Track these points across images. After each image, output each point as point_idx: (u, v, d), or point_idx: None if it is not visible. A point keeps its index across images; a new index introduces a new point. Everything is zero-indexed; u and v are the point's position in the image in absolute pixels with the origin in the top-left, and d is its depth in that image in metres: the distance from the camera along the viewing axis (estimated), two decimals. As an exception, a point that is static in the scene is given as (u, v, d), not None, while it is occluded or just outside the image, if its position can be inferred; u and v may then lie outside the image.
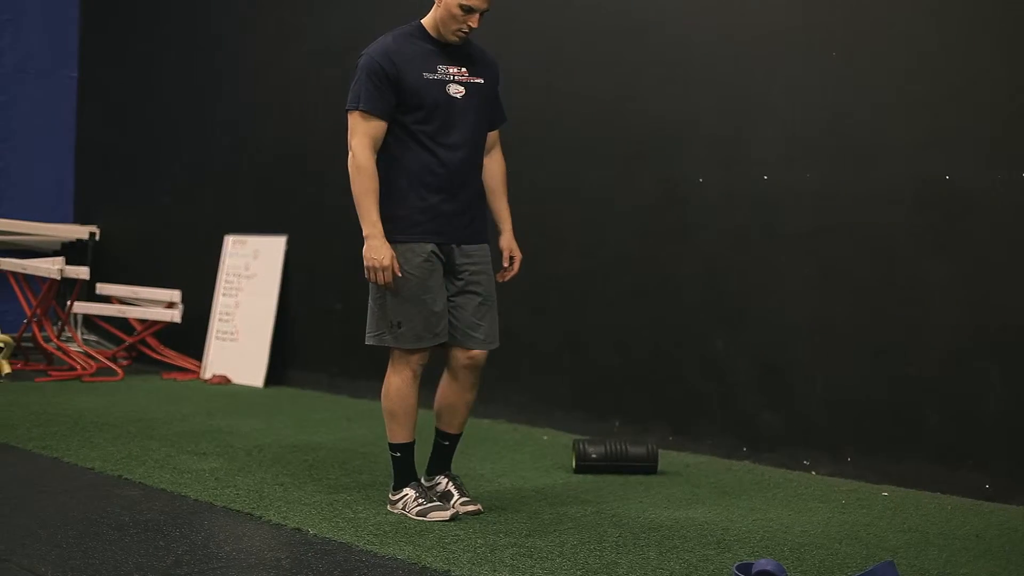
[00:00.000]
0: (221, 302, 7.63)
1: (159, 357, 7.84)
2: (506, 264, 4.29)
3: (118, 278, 8.22)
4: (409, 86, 3.93)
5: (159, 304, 7.75)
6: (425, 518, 3.91)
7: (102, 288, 7.98)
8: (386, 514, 4.00)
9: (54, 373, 7.39)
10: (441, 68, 4.00)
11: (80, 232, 8.78)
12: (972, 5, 4.72)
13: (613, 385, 5.80)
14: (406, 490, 4.01)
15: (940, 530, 4.05)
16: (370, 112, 3.92)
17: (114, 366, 7.53)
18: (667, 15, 5.62)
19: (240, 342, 7.46)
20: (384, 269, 3.85)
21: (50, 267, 7.44)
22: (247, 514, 3.92)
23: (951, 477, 4.68)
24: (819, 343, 5.11)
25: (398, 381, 4.00)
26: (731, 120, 5.38)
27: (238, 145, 7.95)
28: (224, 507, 4.02)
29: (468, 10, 3.94)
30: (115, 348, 8.09)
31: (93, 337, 8.51)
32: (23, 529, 3.64)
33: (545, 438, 5.73)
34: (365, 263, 3.88)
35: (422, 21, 4.08)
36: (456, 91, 4.00)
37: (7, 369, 7.37)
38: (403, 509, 3.98)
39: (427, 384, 4.17)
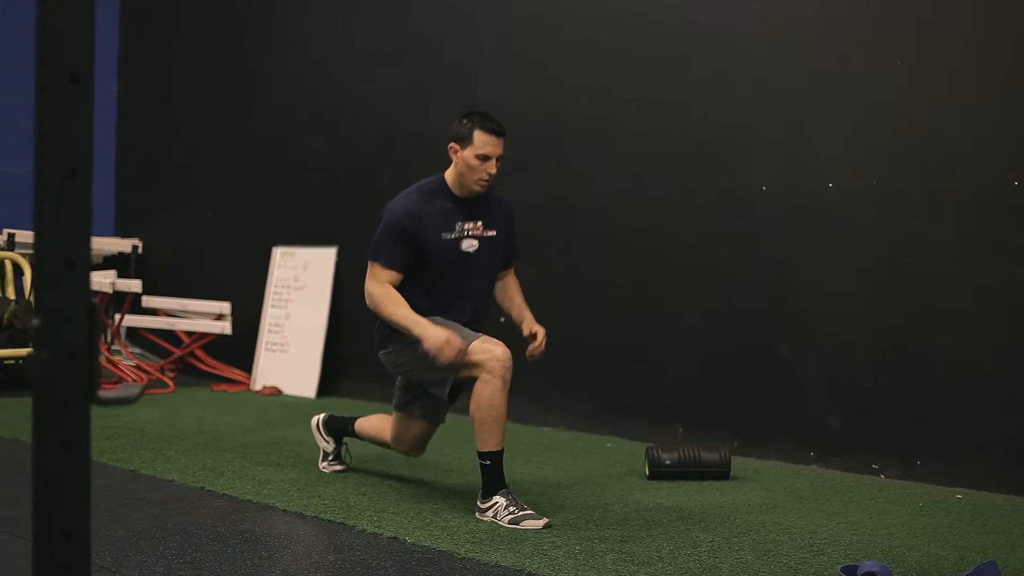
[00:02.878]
0: (270, 314, 7.66)
1: (208, 369, 7.87)
2: (536, 345, 4.39)
3: (162, 291, 8.25)
4: (426, 247, 4.21)
5: (208, 316, 7.78)
6: (518, 526, 3.93)
7: (148, 301, 8.01)
8: (476, 522, 4.02)
9: (107, 386, 7.41)
10: (458, 226, 4.26)
11: (123, 245, 8.81)
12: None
13: (676, 391, 5.82)
14: (496, 498, 4.03)
15: (1023, 531, 4.07)
16: (388, 267, 4.21)
17: (165, 379, 7.56)
18: (728, 21, 5.64)
19: (291, 353, 7.49)
20: (448, 344, 3.99)
21: (102, 280, 7.47)
22: (340, 524, 3.94)
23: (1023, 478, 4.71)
24: (885, 348, 5.13)
25: (488, 389, 4.04)
26: (794, 128, 5.41)
27: (284, 156, 7.98)
28: (315, 517, 4.04)
29: (484, 158, 4.18)
30: (162, 361, 8.11)
31: (137, 350, 8.54)
32: (123, 541, 3.66)
33: (608, 445, 5.75)
34: (432, 352, 4.02)
35: (444, 175, 4.32)
36: (469, 246, 4.27)
37: (58, 383, 7.39)
38: (494, 517, 4.01)
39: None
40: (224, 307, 7.68)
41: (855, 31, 5.23)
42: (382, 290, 4.20)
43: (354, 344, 7.41)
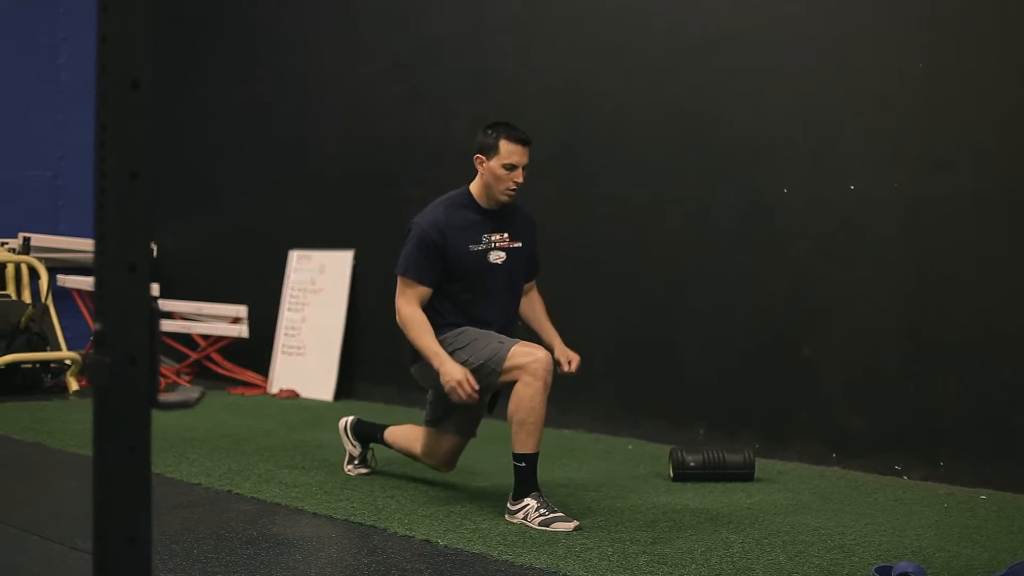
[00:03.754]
0: (287, 317, 7.67)
1: (224, 372, 7.88)
2: (565, 368, 4.44)
3: (178, 294, 8.26)
4: (454, 259, 4.25)
5: (224, 320, 7.79)
6: (548, 528, 3.94)
7: (164, 304, 8.01)
8: (507, 524, 4.03)
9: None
10: (485, 238, 4.30)
11: (137, 249, 8.81)
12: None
13: (698, 393, 5.83)
14: (527, 500, 4.04)
15: (1052, 532, 4.09)
16: (417, 281, 4.24)
17: (182, 382, 7.57)
18: (750, 24, 5.65)
19: (307, 356, 7.50)
20: (460, 384, 4.06)
21: (119, 284, 7.48)
22: (371, 526, 3.95)
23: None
24: (909, 350, 5.14)
25: (529, 391, 4.04)
26: (816, 130, 5.41)
27: (301, 159, 8.00)
28: (345, 520, 4.05)
29: (511, 167, 4.23)
30: (177, 364, 8.12)
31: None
32: (156, 544, 3.64)
33: (630, 447, 5.76)
34: (446, 388, 4.11)
35: (470, 188, 4.36)
36: (497, 258, 4.32)
37: (75, 386, 7.41)
38: (524, 519, 4.01)
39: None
40: (241, 310, 7.69)
41: (877, 34, 5.23)
42: (410, 312, 4.23)
43: (371, 347, 7.42)
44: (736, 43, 5.70)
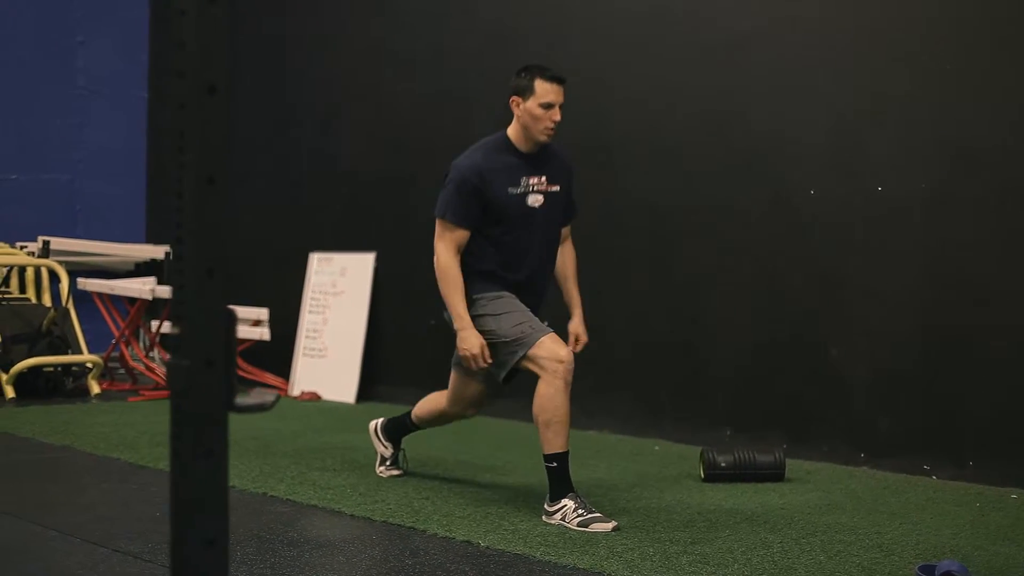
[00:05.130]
0: (308, 319, 7.69)
1: (244, 375, 7.88)
2: (571, 346, 4.46)
3: (196, 297, 8.24)
4: (494, 201, 4.27)
5: (245, 322, 7.79)
6: (587, 528, 3.95)
7: (183, 307, 8.01)
8: (545, 524, 4.04)
9: (146, 392, 7.44)
10: (524, 180, 4.32)
11: (155, 252, 8.83)
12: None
13: (724, 394, 5.84)
14: (565, 500, 4.05)
15: (1086, 530, 4.10)
16: (456, 223, 4.25)
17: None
18: (777, 26, 5.66)
19: (329, 359, 7.51)
20: (475, 356, 4.19)
21: (141, 287, 7.50)
22: (410, 528, 3.96)
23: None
24: (936, 349, 5.15)
25: (551, 391, 4.06)
26: (843, 131, 5.42)
27: (321, 161, 8.01)
28: (384, 521, 4.06)
29: (548, 106, 4.26)
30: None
31: (168, 356, 8.56)
32: (198, 546, 3.68)
33: (656, 448, 5.77)
34: (459, 352, 4.25)
35: (507, 132, 4.38)
36: (535, 200, 4.34)
37: (96, 389, 7.43)
38: (562, 519, 4.02)
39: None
40: (262, 313, 7.69)
41: (903, 35, 5.25)
42: (447, 263, 4.26)
43: (393, 349, 7.43)
44: (762, 43, 5.71)
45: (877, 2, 5.34)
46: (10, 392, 7.11)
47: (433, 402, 4.72)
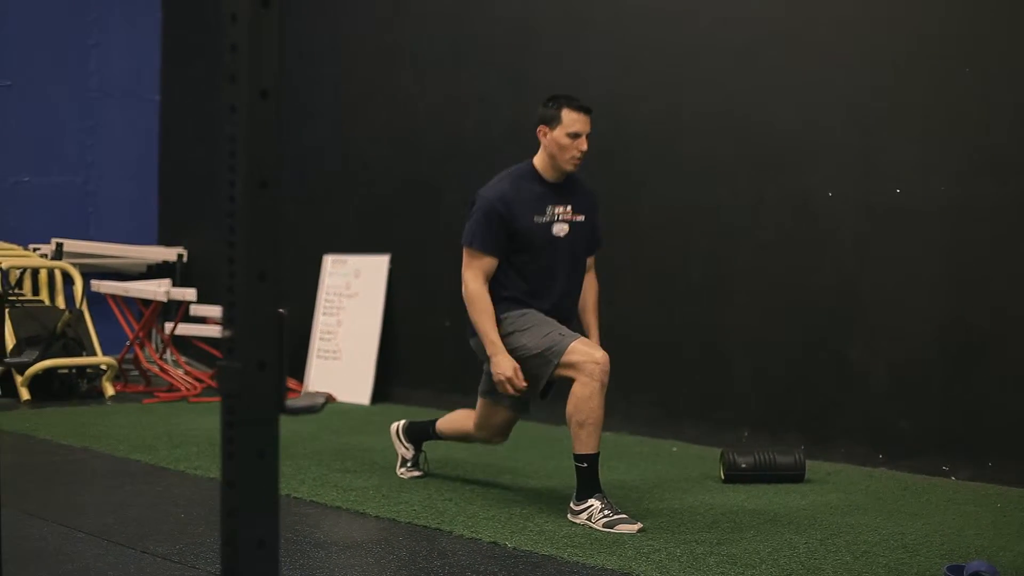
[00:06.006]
0: (322, 321, 7.69)
1: (258, 377, 7.89)
2: None
3: (208, 299, 8.27)
4: (520, 230, 4.32)
5: (259, 324, 7.80)
6: (612, 529, 3.96)
7: (197, 309, 8.03)
8: (570, 525, 4.05)
9: (161, 395, 7.45)
10: (549, 210, 4.36)
11: (168, 254, 8.85)
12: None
13: (741, 395, 5.85)
14: (591, 501, 4.06)
15: (1110, 530, 4.11)
16: (483, 251, 4.30)
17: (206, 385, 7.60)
18: (795, 27, 5.67)
19: (343, 360, 7.52)
20: (509, 380, 4.21)
21: (156, 289, 7.51)
22: (436, 529, 3.97)
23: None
24: (954, 350, 5.16)
25: (587, 392, 4.08)
26: (862, 132, 5.43)
27: (336, 164, 8.01)
28: (410, 522, 4.07)
29: (575, 135, 4.30)
30: (209, 369, 8.14)
31: (183, 358, 8.57)
32: (226, 548, 3.69)
33: (674, 449, 5.78)
34: (494, 377, 4.26)
35: (533, 161, 4.43)
36: (560, 230, 4.37)
37: (111, 391, 7.44)
38: (588, 520, 4.03)
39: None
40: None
41: (922, 36, 5.25)
42: (476, 290, 4.29)
43: (408, 351, 7.44)
44: (781, 45, 5.71)
45: (896, 3, 5.35)
46: (25, 394, 7.12)
47: (460, 422, 4.73)
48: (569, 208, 4.40)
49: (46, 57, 8.83)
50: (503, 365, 4.21)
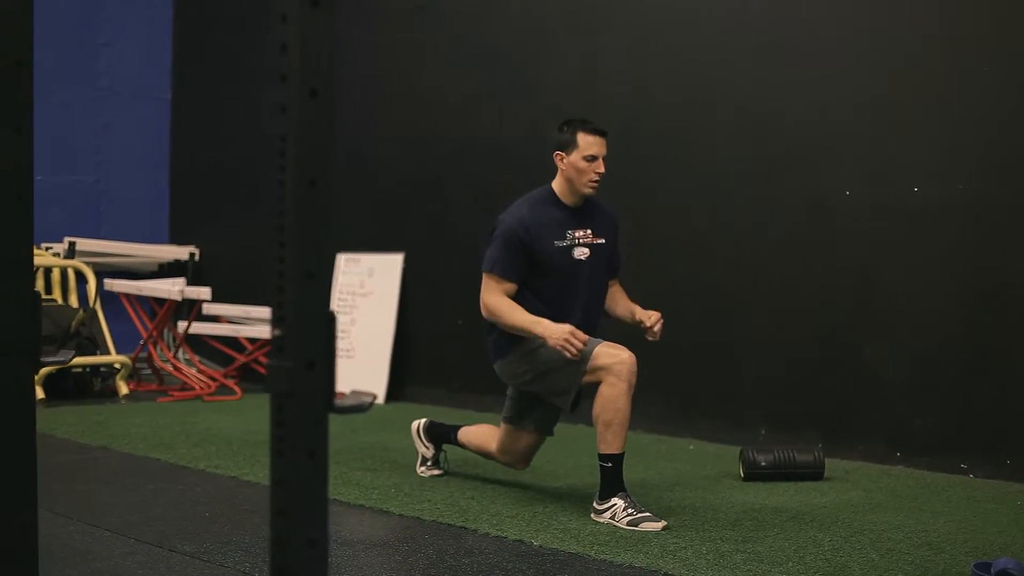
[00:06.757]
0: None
1: (271, 375, 7.89)
2: (648, 324, 4.48)
3: (220, 298, 8.27)
4: (540, 255, 4.32)
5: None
6: (637, 528, 3.97)
7: (209, 308, 8.04)
8: (594, 523, 4.06)
9: (175, 393, 7.46)
10: (569, 234, 4.36)
11: (179, 253, 8.86)
12: None
13: (757, 394, 5.85)
14: (615, 500, 4.07)
15: None
16: (503, 277, 4.31)
17: (231, 384, 7.60)
18: (811, 28, 5.67)
19: (357, 359, 7.53)
20: (568, 340, 4.08)
21: (170, 288, 7.52)
22: (460, 527, 3.98)
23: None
24: (972, 349, 5.17)
25: (614, 392, 4.09)
26: (880, 133, 5.44)
27: (350, 163, 8.01)
28: (434, 521, 4.08)
29: (592, 159, 4.31)
30: (221, 368, 8.15)
31: (195, 357, 8.58)
32: (253, 547, 3.71)
33: (691, 448, 5.79)
34: (555, 347, 4.11)
35: (552, 186, 4.43)
36: (581, 254, 4.37)
37: (125, 390, 7.45)
38: (611, 518, 4.04)
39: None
40: (289, 313, 7.71)
41: (939, 36, 5.26)
42: (497, 299, 4.29)
43: (421, 350, 7.45)
44: (798, 46, 5.72)
45: (914, 3, 5.35)
46: (40, 393, 7.13)
47: (484, 439, 4.73)
48: (590, 232, 4.41)
49: (57, 56, 8.83)
50: (553, 329, 4.12)
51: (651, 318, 4.46)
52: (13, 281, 2.56)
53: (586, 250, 4.38)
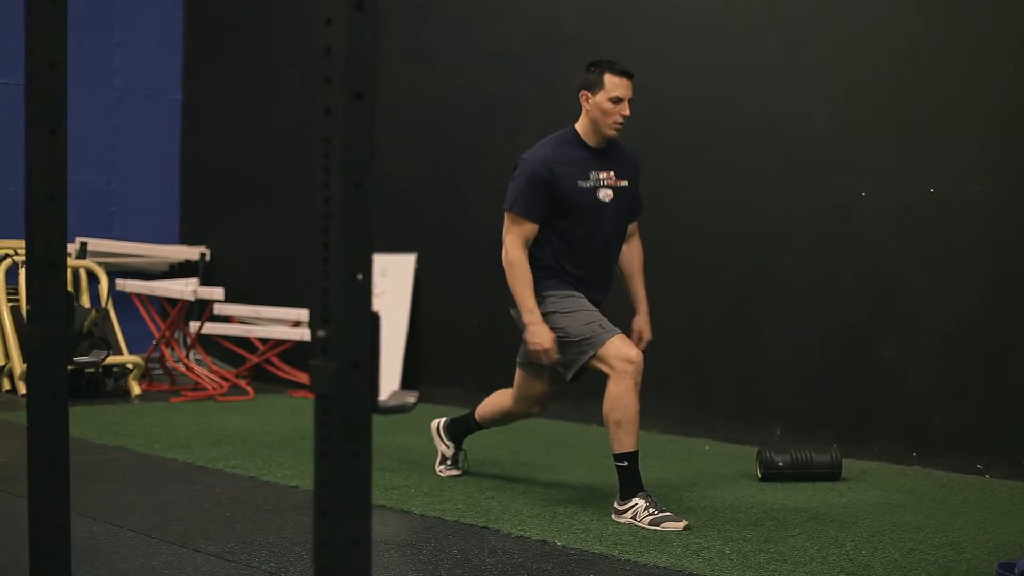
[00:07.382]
0: (347, 319, 7.70)
1: (283, 375, 7.91)
2: (635, 338, 4.54)
3: (231, 298, 8.27)
4: (564, 195, 4.30)
5: (284, 323, 7.83)
6: (658, 527, 3.98)
7: (221, 308, 8.04)
8: (616, 523, 4.07)
9: (188, 393, 7.47)
10: (593, 175, 4.35)
11: (190, 253, 8.87)
12: None
13: (773, 394, 5.86)
14: (635, 500, 4.08)
15: None
16: (525, 216, 4.28)
17: (245, 385, 7.61)
18: (830, 29, 5.68)
19: (370, 359, 7.53)
20: (546, 351, 4.22)
21: (183, 288, 7.53)
22: (483, 527, 3.99)
23: None
24: (988, 350, 5.17)
25: (620, 391, 4.10)
26: (898, 134, 5.44)
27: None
28: (456, 521, 4.09)
29: (617, 100, 4.30)
30: (234, 368, 8.16)
31: (207, 357, 8.58)
32: (279, 547, 3.72)
33: (707, 448, 5.79)
34: (529, 347, 4.27)
35: (575, 127, 4.41)
36: (605, 195, 4.37)
37: (137, 390, 7.46)
38: (633, 518, 4.05)
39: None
40: (303, 314, 7.71)
41: (960, 38, 5.26)
42: (516, 257, 4.27)
43: (435, 350, 7.46)
44: (817, 47, 5.72)
45: (934, 5, 5.36)
46: (53, 393, 7.12)
47: (497, 401, 4.75)
48: (612, 174, 4.39)
49: (68, 56, 8.83)
50: (540, 335, 4.20)
51: (642, 337, 4.56)
52: (48, 282, 2.58)
53: (610, 192, 4.37)
